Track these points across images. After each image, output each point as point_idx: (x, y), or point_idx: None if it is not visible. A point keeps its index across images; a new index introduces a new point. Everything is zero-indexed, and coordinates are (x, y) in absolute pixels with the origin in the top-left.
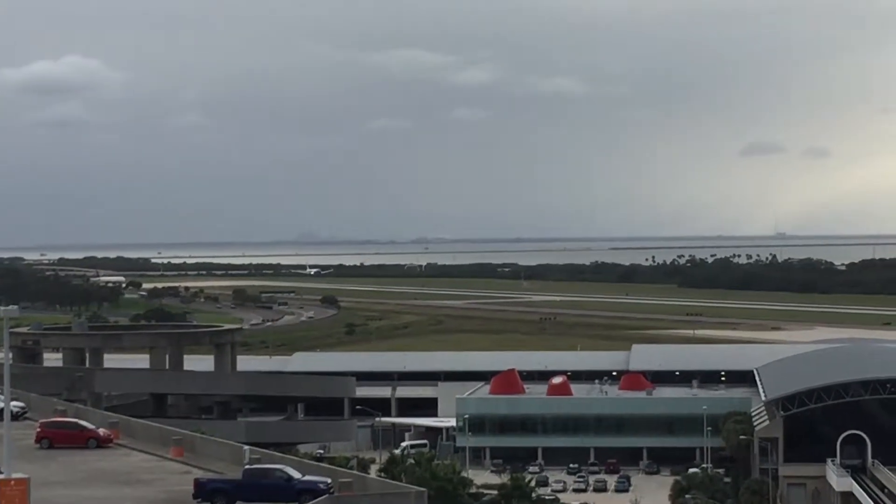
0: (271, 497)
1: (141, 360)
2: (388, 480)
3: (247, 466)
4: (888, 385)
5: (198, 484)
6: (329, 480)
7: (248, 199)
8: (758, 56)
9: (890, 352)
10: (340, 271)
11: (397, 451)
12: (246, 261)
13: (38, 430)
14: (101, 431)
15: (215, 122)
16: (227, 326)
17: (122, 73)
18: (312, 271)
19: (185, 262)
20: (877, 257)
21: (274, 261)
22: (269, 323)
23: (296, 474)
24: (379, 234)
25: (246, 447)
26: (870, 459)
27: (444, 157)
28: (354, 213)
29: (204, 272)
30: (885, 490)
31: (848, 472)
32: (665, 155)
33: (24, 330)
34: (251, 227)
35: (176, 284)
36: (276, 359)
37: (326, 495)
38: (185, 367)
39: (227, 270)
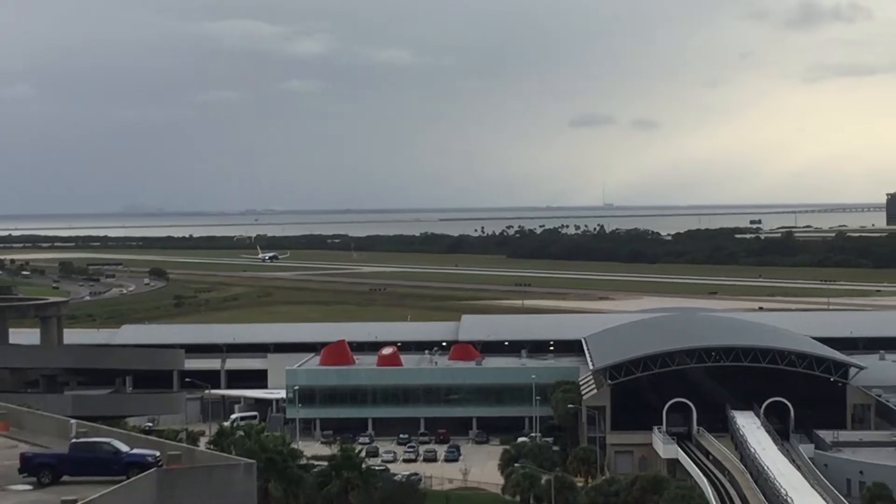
0: (99, 471)
1: None
2: (217, 453)
3: (74, 440)
4: (713, 353)
5: (24, 458)
6: (157, 453)
7: (76, 171)
8: (588, 28)
9: (715, 320)
10: (168, 243)
11: (227, 424)
12: (72, 233)
13: None
14: None
15: (44, 92)
16: (52, 299)
17: None
18: (267, 256)
19: (10, 235)
20: (702, 227)
21: (101, 233)
22: (95, 296)
23: (123, 447)
24: (208, 205)
25: (73, 421)
26: (695, 427)
27: (276, 128)
28: (184, 185)
29: (30, 244)
30: (710, 456)
31: (674, 439)
32: (495, 126)
33: None
34: (78, 199)
35: (1, 257)
36: (104, 331)
37: (154, 468)
38: (10, 341)
39: (53, 243)
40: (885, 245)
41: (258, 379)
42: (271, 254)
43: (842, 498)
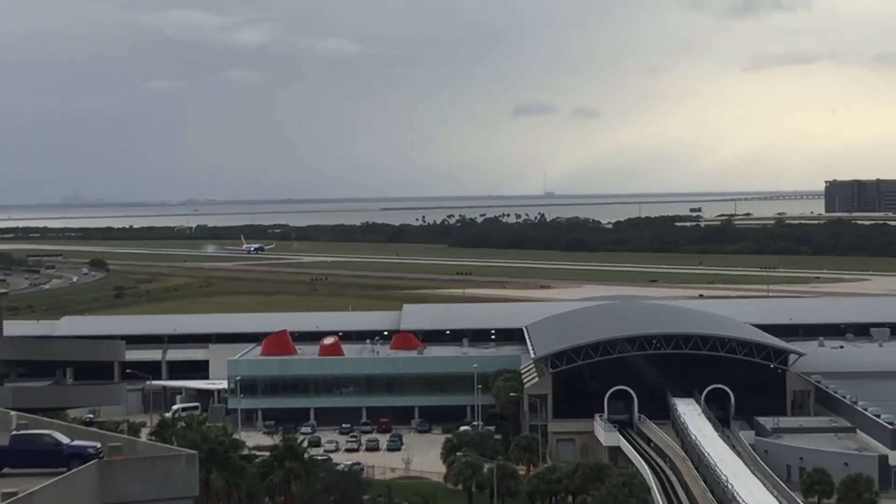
0: (39, 462)
1: None
2: (158, 444)
3: (14, 432)
4: (654, 341)
5: None
6: (98, 445)
7: (14, 162)
8: (531, 16)
9: (656, 308)
10: (109, 234)
11: (168, 415)
12: (11, 224)
13: None
14: None
15: None
16: None
17: None
18: (253, 247)
19: None
20: (642, 216)
21: (40, 224)
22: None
23: (64, 439)
24: (149, 196)
25: (13, 413)
26: (636, 414)
27: (217, 118)
28: (124, 176)
29: None
30: (651, 444)
31: (615, 426)
32: (437, 115)
33: None
34: (16, 190)
35: None
36: (44, 323)
37: (95, 460)
38: None
39: None
40: (824, 232)
41: (200, 370)
42: (257, 245)
43: (782, 484)
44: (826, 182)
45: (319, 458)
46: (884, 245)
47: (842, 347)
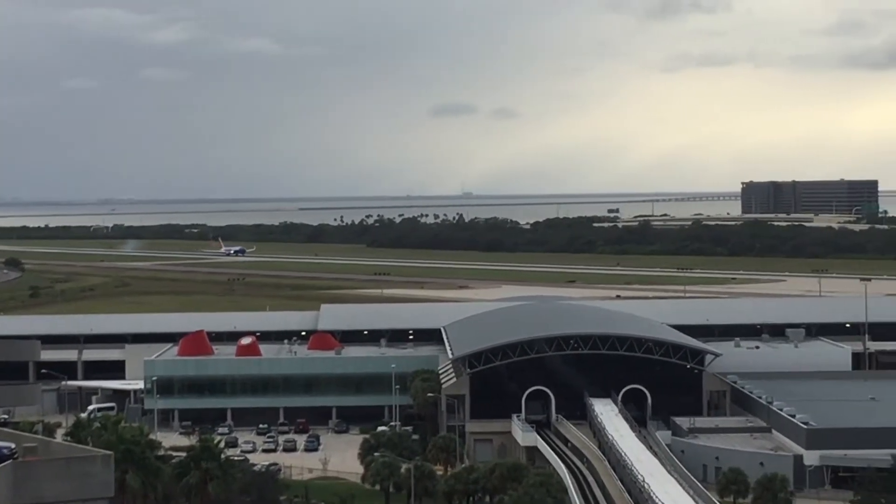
0: None
1: None
2: (74, 444)
3: None
4: (572, 341)
5: None
6: (13, 445)
7: None
8: (451, 17)
9: (573, 309)
10: (25, 233)
11: (84, 415)
12: None
13: None
14: None
15: None
16: None
17: None
18: (233, 250)
19: None
20: (561, 216)
21: None
22: None
23: None
24: (65, 195)
25: None
26: (554, 414)
27: (135, 117)
28: (40, 174)
29: None
30: (569, 444)
31: (532, 427)
32: (357, 116)
33: None
34: None
35: None
36: None
37: (10, 460)
38: None
39: None
40: (740, 233)
41: (116, 370)
42: (238, 247)
43: (698, 484)
44: (743, 183)
45: (236, 458)
46: (799, 246)
47: (757, 348)
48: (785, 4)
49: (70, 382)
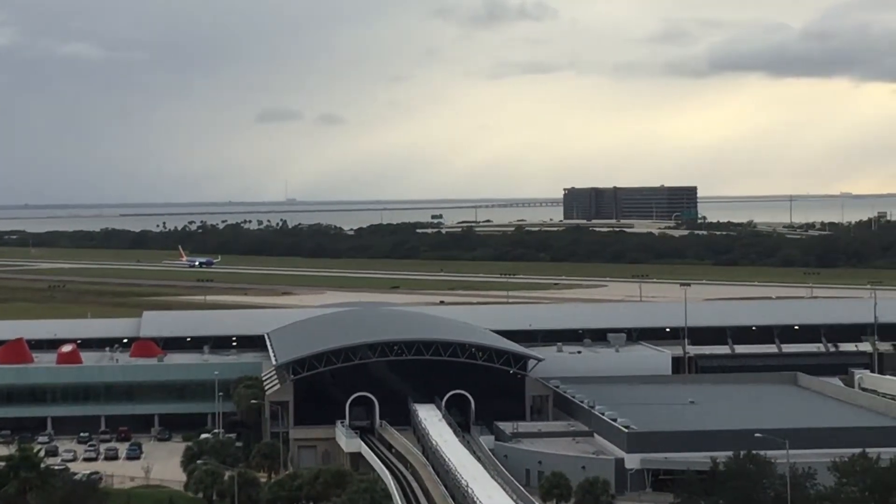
0: None
1: None
2: None
3: None
4: (395, 347)
5: None
6: None
7: None
8: (277, 23)
9: (397, 314)
10: None
11: None
12: None
13: None
14: None
15: None
16: None
17: None
18: (198, 261)
19: None
20: (385, 222)
21: None
22: None
23: None
24: None
25: None
26: (378, 420)
27: None
28: None
29: None
30: (393, 449)
31: (357, 433)
32: (180, 121)
33: None
34: None
35: None
36: None
37: None
38: None
39: None
40: (562, 238)
41: None
42: (204, 259)
43: (521, 488)
44: (565, 190)
45: (56, 467)
46: (620, 252)
47: (579, 353)
48: (610, 13)
49: None
